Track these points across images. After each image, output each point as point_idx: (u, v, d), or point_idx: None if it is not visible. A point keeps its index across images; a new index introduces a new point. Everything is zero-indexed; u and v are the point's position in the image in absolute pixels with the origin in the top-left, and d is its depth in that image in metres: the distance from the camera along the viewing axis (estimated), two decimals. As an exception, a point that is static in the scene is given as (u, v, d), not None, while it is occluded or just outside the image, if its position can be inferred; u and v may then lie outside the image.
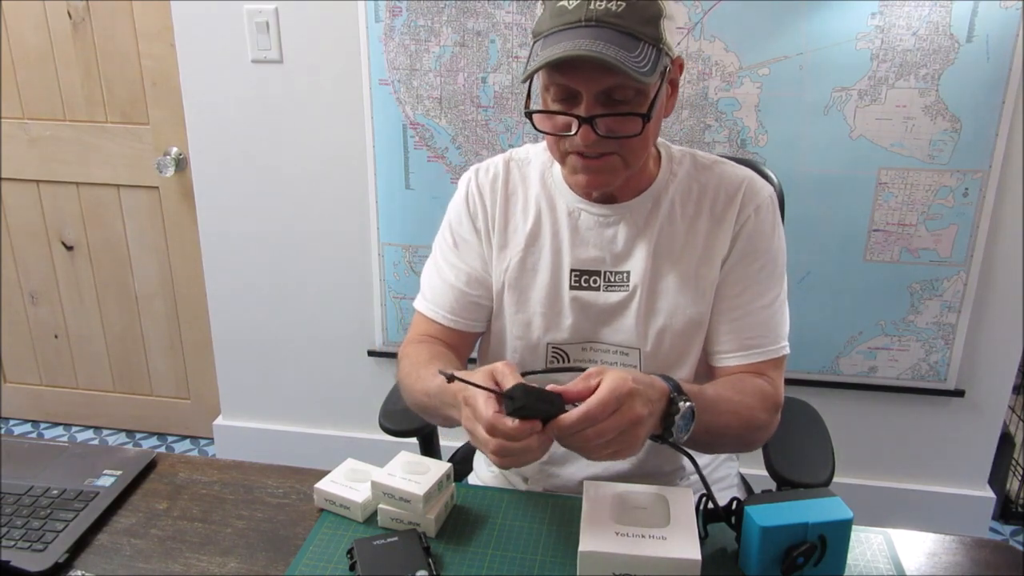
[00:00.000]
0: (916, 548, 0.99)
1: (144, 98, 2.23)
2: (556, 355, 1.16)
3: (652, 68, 0.96)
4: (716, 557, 0.93)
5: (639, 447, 0.90)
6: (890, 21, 1.74)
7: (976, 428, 2.08)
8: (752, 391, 1.09)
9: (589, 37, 0.94)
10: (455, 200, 1.22)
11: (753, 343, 1.12)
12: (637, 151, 1.03)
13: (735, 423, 1.05)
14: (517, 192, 1.18)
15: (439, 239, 1.23)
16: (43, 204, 2.41)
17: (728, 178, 1.13)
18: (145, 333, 2.52)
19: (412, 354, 1.17)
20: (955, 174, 1.84)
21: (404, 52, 1.94)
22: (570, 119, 1.00)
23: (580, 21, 0.95)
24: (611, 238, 1.13)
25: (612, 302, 1.12)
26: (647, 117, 0.99)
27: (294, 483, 1.10)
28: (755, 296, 1.12)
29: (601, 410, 0.85)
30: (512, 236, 1.16)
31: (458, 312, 1.19)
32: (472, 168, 1.22)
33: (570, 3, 0.97)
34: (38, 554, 0.95)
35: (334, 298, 2.24)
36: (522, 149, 1.22)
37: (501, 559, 0.95)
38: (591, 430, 0.86)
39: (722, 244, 1.11)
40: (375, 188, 2.07)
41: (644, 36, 0.96)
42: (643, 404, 0.89)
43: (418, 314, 1.24)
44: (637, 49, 0.95)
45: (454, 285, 1.19)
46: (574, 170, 1.06)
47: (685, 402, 0.93)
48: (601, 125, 0.99)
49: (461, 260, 1.19)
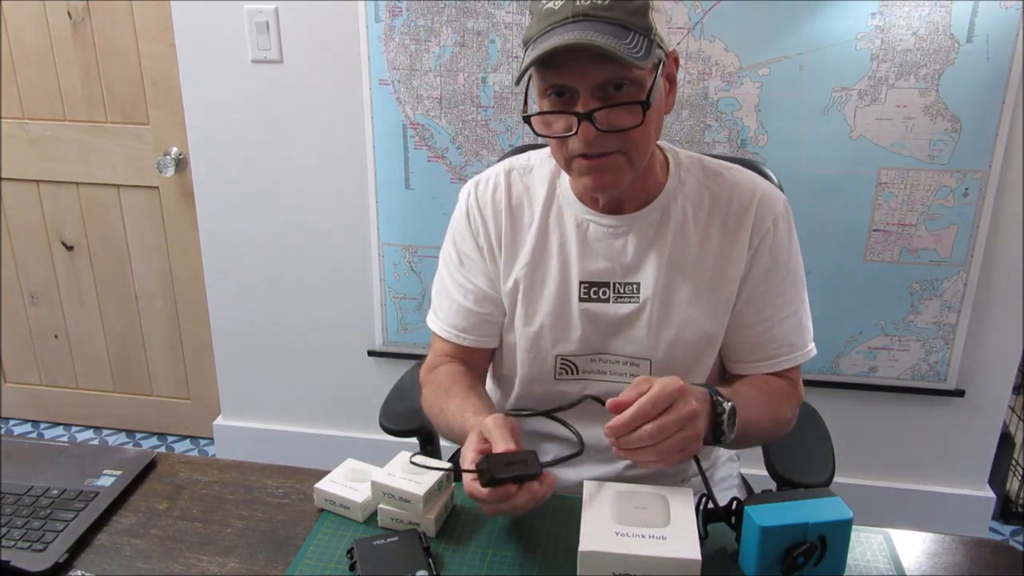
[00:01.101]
0: (916, 548, 0.99)
1: (144, 98, 2.23)
2: (565, 367, 1.16)
3: (646, 54, 0.95)
4: (716, 557, 0.93)
5: (701, 442, 0.92)
6: (890, 21, 1.74)
7: (976, 428, 2.08)
8: (777, 390, 1.12)
9: (578, 30, 0.94)
10: (456, 216, 1.21)
11: (779, 353, 1.13)
12: (640, 146, 1.01)
13: (766, 422, 1.07)
14: (522, 204, 1.16)
15: (444, 254, 1.23)
16: (43, 204, 2.41)
17: (740, 187, 1.12)
18: (145, 333, 2.52)
19: (433, 381, 1.18)
20: (955, 174, 1.84)
21: (404, 52, 1.94)
22: (569, 121, 0.99)
23: (568, 18, 0.95)
24: (620, 249, 1.11)
25: (622, 314, 1.12)
26: (646, 104, 0.97)
27: (294, 483, 1.10)
28: (780, 307, 1.13)
29: (652, 406, 0.88)
30: (520, 248, 1.15)
31: (469, 331, 1.19)
32: (471, 181, 1.20)
33: (556, 3, 0.96)
34: (38, 554, 0.95)
35: (334, 298, 2.24)
36: (522, 156, 1.20)
37: (501, 559, 0.95)
38: (651, 427, 0.88)
39: (738, 258, 1.10)
40: (375, 188, 2.07)
41: (633, 26, 0.95)
42: (695, 399, 0.91)
43: (433, 334, 1.24)
44: (628, 37, 0.94)
45: (462, 304, 1.19)
46: (579, 173, 1.04)
47: (727, 402, 0.95)
48: (601, 119, 0.97)
49: (466, 278, 1.19)
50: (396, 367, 2.20)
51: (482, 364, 1.24)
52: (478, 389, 1.15)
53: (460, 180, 2.00)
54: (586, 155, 1.01)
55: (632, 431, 0.89)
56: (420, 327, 2.14)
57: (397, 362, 2.24)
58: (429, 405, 1.17)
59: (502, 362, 1.23)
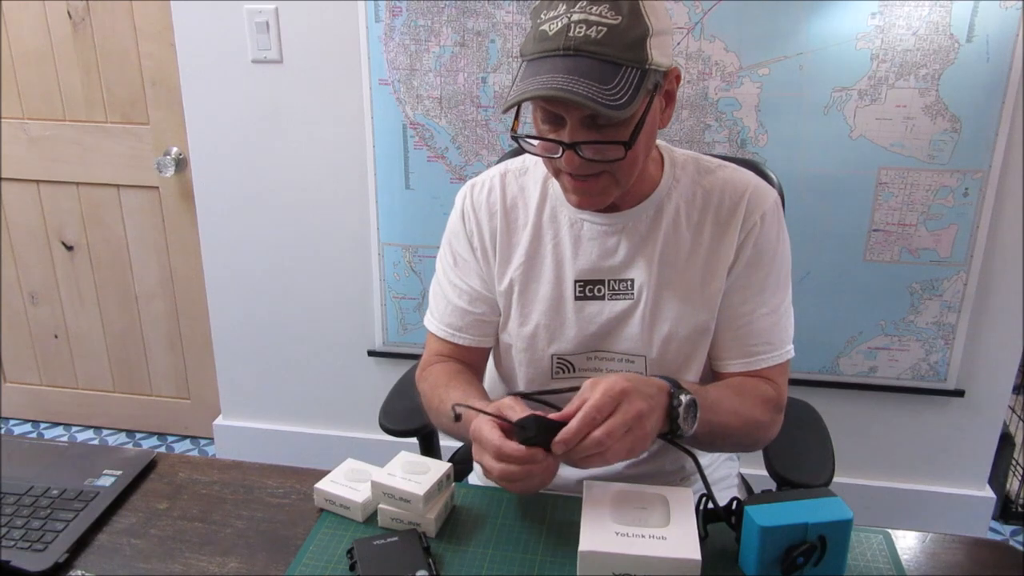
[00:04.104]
0: (916, 548, 0.99)
1: (144, 98, 2.23)
2: (561, 366, 1.16)
3: (631, 98, 0.94)
4: (716, 557, 0.93)
5: (650, 441, 0.92)
6: (890, 21, 1.74)
7: (976, 428, 2.08)
8: (753, 393, 1.10)
9: (564, 71, 0.93)
10: (452, 218, 1.22)
11: (757, 350, 1.13)
12: (626, 171, 1.03)
13: (736, 423, 1.05)
14: (517, 205, 1.17)
15: (441, 255, 1.24)
16: (43, 204, 2.41)
17: (732, 183, 1.13)
18: (145, 333, 2.52)
19: (430, 377, 1.18)
20: (955, 174, 1.84)
21: (404, 52, 1.94)
22: (556, 144, 0.99)
23: (559, 50, 0.94)
24: (614, 247, 1.12)
25: (617, 311, 1.12)
26: (628, 144, 0.97)
27: (294, 483, 1.10)
28: (759, 304, 1.12)
29: (597, 412, 0.88)
30: (515, 249, 1.16)
31: (465, 330, 1.20)
32: (468, 184, 1.21)
33: (551, 28, 0.95)
34: (38, 554, 0.95)
35: (334, 298, 2.24)
36: (518, 160, 1.21)
37: (501, 559, 0.95)
38: (598, 433, 0.87)
39: (727, 251, 1.11)
40: (375, 188, 2.07)
41: (626, 61, 0.94)
42: (641, 399, 0.90)
43: (429, 333, 1.24)
44: (616, 79, 0.93)
45: (457, 305, 1.20)
46: (566, 189, 1.07)
47: (685, 395, 0.94)
48: (585, 150, 0.98)
49: (461, 279, 1.20)
50: (396, 367, 2.20)
51: (478, 363, 1.24)
52: (477, 384, 1.16)
53: (460, 180, 2.00)
54: (572, 175, 1.02)
55: (580, 440, 0.88)
56: (420, 327, 2.14)
57: (397, 362, 2.24)
58: (428, 399, 1.17)
59: (500, 363, 1.23)
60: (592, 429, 0.88)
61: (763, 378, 1.13)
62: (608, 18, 0.93)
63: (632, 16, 0.94)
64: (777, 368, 1.14)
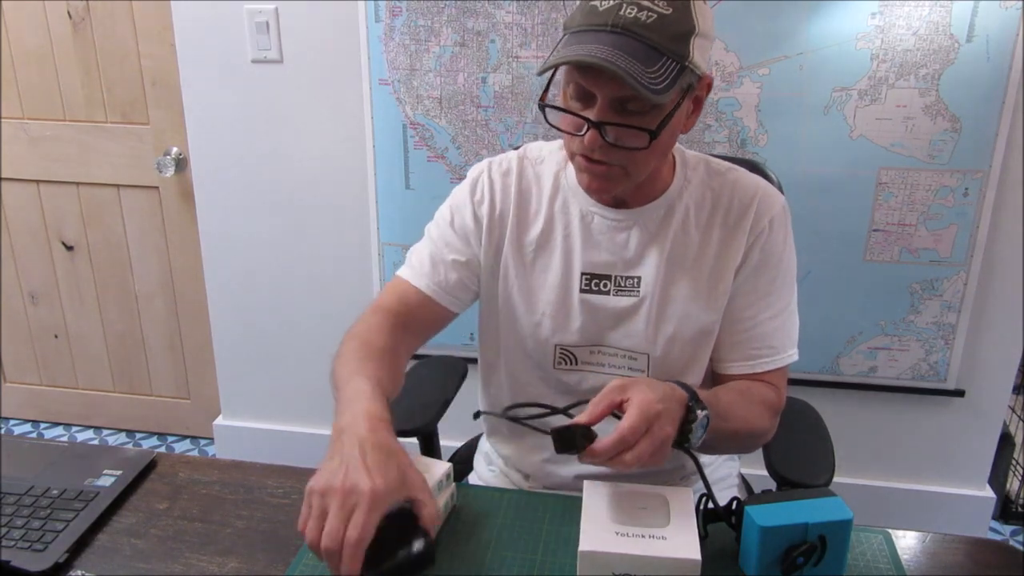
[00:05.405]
0: (916, 548, 0.99)
1: (144, 98, 2.23)
2: (564, 356, 1.16)
3: (668, 86, 0.94)
4: (716, 557, 0.93)
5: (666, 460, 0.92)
6: (890, 21, 1.74)
7: (976, 428, 2.08)
8: (759, 399, 1.11)
9: (610, 44, 0.93)
10: (461, 187, 1.20)
11: (760, 354, 1.13)
12: (640, 165, 1.03)
13: (742, 429, 1.06)
14: (531, 191, 1.17)
15: (437, 217, 1.21)
16: (43, 204, 2.41)
17: (742, 187, 1.13)
18: (145, 333, 2.52)
19: (357, 338, 1.06)
20: (955, 174, 1.84)
21: (404, 52, 1.94)
22: (581, 120, 1.00)
23: (607, 25, 0.94)
24: (623, 243, 1.12)
25: (621, 307, 1.12)
26: (654, 134, 0.98)
27: (294, 483, 1.10)
28: (764, 308, 1.12)
29: (633, 434, 0.87)
30: (524, 235, 1.16)
31: (443, 285, 1.15)
32: (486, 160, 1.20)
33: (602, 4, 0.95)
34: (38, 554, 0.95)
35: (334, 298, 2.24)
36: (535, 146, 1.21)
37: (501, 559, 0.95)
38: (629, 456, 0.88)
39: (735, 253, 1.11)
40: (375, 188, 2.07)
41: (668, 52, 0.95)
42: (670, 423, 0.91)
43: (396, 279, 1.17)
44: (657, 64, 0.94)
45: (444, 258, 1.16)
46: (579, 168, 1.07)
47: (701, 411, 0.94)
48: (610, 132, 0.98)
49: (454, 236, 1.18)
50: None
51: (431, 330, 1.17)
52: (388, 370, 1.03)
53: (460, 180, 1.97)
54: (587, 158, 1.02)
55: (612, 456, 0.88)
56: (420, 327, 2.14)
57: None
58: (339, 365, 1.02)
59: (506, 350, 1.21)
60: (626, 451, 0.88)
61: (764, 381, 1.13)
62: (660, 7, 0.94)
63: (682, 11, 0.95)
64: (778, 372, 1.14)
